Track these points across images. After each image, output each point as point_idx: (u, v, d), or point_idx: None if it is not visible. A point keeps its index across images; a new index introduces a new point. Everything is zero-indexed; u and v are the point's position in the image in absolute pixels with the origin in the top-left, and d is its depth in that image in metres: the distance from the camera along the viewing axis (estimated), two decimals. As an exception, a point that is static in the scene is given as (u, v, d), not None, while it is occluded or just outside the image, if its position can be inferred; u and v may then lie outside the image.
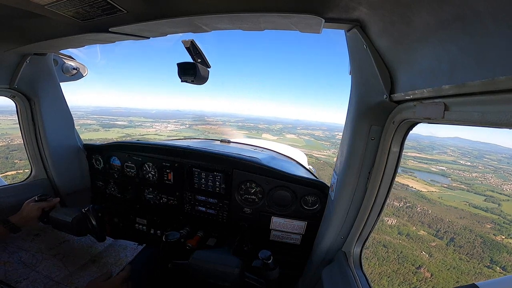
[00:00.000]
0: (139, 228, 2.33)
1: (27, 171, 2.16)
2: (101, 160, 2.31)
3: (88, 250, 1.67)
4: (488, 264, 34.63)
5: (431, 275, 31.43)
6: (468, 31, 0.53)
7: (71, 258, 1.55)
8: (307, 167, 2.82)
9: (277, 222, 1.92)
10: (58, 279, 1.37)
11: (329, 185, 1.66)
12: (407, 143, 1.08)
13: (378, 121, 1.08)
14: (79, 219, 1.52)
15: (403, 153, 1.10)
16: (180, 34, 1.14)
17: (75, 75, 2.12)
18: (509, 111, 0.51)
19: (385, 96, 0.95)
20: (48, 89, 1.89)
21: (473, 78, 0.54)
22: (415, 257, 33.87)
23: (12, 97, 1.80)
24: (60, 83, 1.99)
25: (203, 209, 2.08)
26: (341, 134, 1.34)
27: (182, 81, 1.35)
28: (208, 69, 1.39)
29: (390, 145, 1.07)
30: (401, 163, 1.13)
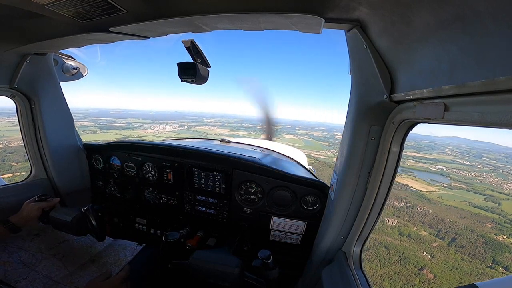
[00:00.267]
0: (139, 228, 2.33)
1: (23, 173, 2.15)
2: (101, 160, 2.31)
3: (88, 250, 1.67)
4: (491, 264, 34.38)
5: (433, 276, 31.15)
6: (468, 31, 0.53)
7: (70, 258, 1.55)
8: (307, 167, 2.82)
9: (277, 222, 1.92)
10: (58, 278, 1.37)
11: (329, 185, 1.66)
12: (406, 142, 1.08)
13: (378, 121, 1.08)
14: (79, 219, 1.52)
15: (403, 153, 1.10)
16: (180, 34, 1.14)
17: (75, 74, 2.12)
18: (509, 111, 0.51)
19: (385, 96, 0.95)
20: (48, 89, 1.89)
21: (473, 78, 0.54)
22: (417, 258, 33.60)
23: (12, 96, 1.80)
24: (60, 83, 1.99)
25: (203, 209, 2.08)
26: (340, 134, 1.34)
27: (182, 81, 1.35)
28: (208, 69, 1.39)
29: (390, 145, 1.07)
30: (401, 162, 1.13)
